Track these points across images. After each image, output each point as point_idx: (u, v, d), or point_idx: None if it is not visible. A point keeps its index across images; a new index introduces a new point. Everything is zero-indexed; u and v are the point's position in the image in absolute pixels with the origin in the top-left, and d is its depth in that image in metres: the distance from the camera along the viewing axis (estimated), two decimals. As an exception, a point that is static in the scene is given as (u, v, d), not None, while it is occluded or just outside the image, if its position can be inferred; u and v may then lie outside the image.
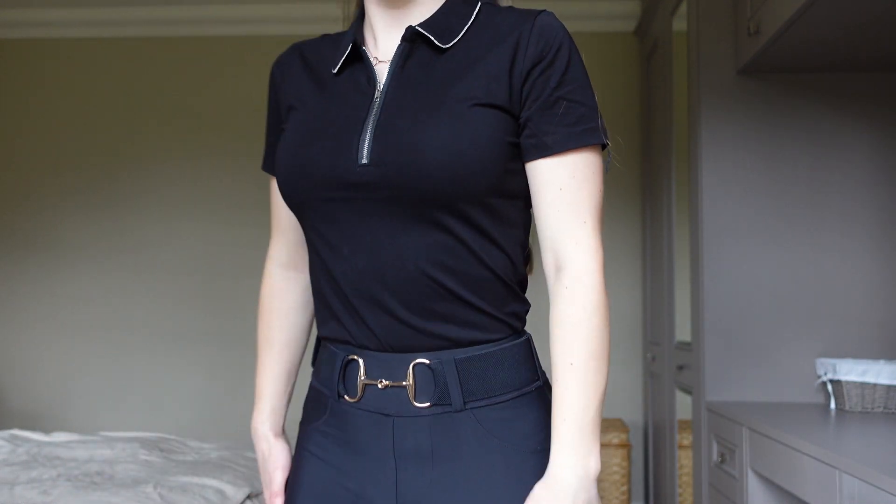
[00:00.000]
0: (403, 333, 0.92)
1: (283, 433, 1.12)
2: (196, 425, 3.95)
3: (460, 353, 0.92)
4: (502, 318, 0.96)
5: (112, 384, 4.02)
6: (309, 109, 0.98)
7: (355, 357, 0.96)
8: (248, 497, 2.06)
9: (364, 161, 0.89)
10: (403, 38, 0.94)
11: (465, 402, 0.92)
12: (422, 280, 0.90)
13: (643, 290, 3.77)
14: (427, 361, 0.92)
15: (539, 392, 0.96)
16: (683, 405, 2.84)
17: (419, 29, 0.94)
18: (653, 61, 3.50)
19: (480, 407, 0.92)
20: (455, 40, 0.94)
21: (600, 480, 3.44)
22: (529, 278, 1.06)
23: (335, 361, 0.98)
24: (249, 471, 2.27)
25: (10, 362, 4.09)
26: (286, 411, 1.13)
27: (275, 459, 1.09)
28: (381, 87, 0.94)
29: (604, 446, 3.46)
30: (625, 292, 3.85)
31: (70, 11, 4.13)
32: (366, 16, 1.00)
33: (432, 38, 0.93)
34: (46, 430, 3.66)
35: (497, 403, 0.93)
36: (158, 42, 4.17)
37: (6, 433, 2.63)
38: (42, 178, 4.14)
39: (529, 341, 0.99)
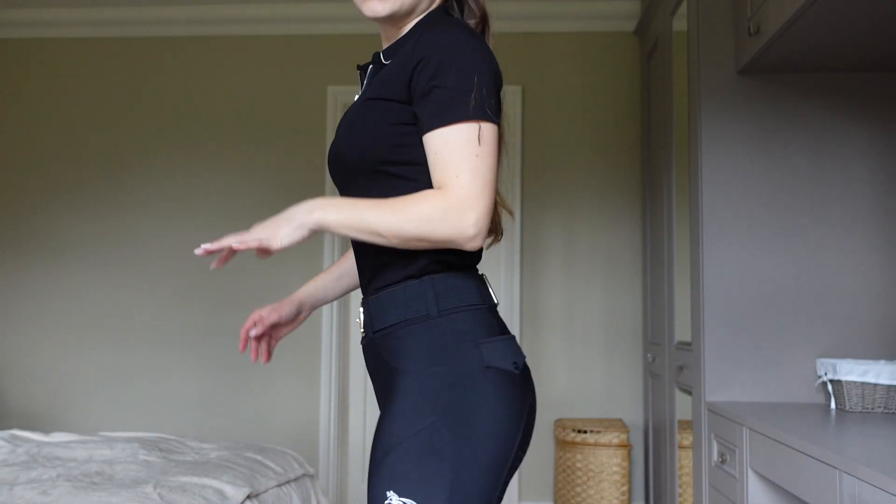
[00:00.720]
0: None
1: (306, 305, 1.50)
2: (196, 425, 3.95)
3: (372, 295, 1.27)
4: (403, 266, 1.22)
5: (112, 384, 4.02)
6: None
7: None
8: (248, 497, 2.06)
9: (330, 149, 1.29)
10: (373, 60, 1.30)
11: (373, 332, 1.26)
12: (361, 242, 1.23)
13: (643, 290, 3.77)
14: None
15: (424, 321, 1.19)
16: (683, 405, 2.83)
17: (379, 53, 1.29)
18: (653, 61, 3.50)
19: (378, 333, 1.25)
20: (391, 56, 1.25)
21: (600, 480, 3.44)
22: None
23: None
24: (249, 471, 2.27)
25: (9, 362, 4.09)
26: (317, 300, 1.52)
27: (280, 303, 1.47)
28: (355, 98, 1.31)
29: (604, 446, 3.46)
30: (625, 292, 3.85)
31: (70, 11, 4.13)
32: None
33: (381, 58, 1.27)
34: (46, 431, 3.65)
35: (385, 330, 1.23)
36: (158, 42, 4.17)
37: (6, 433, 2.62)
38: (42, 178, 4.14)
39: (430, 283, 1.21)
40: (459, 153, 1.11)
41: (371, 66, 1.30)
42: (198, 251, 1.16)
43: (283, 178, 4.03)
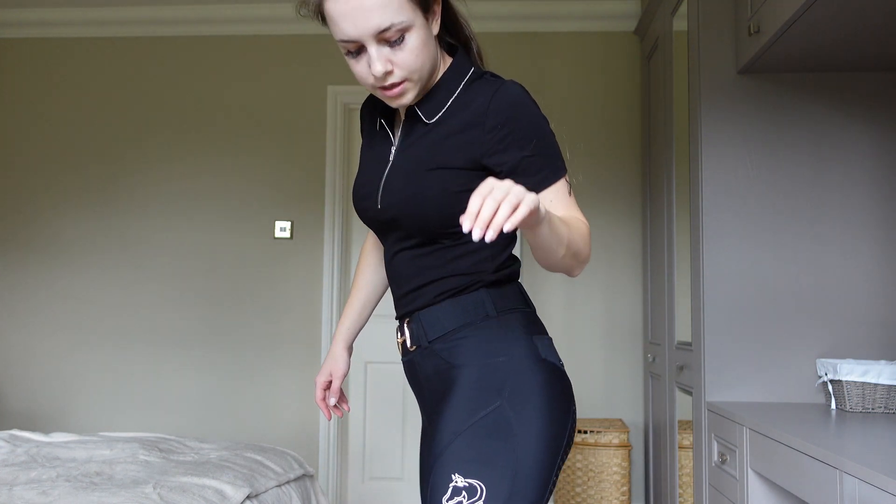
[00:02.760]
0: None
1: (350, 346, 1.62)
2: (195, 425, 3.95)
3: (421, 309, 1.35)
4: (455, 283, 1.34)
5: (112, 384, 4.02)
6: (364, 157, 1.45)
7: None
8: (248, 497, 2.06)
9: (380, 206, 1.34)
10: (407, 115, 1.34)
11: (429, 341, 1.34)
12: (410, 271, 1.35)
13: (643, 290, 3.76)
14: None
15: (485, 320, 1.30)
16: (683, 405, 2.83)
17: (416, 109, 1.32)
18: (653, 61, 3.49)
19: (436, 340, 1.33)
20: (438, 115, 1.30)
21: (600, 480, 3.44)
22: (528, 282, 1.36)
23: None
24: (249, 471, 2.27)
25: (9, 362, 4.09)
26: (355, 333, 1.63)
27: (331, 359, 1.60)
28: (392, 153, 1.36)
29: (604, 446, 3.46)
30: (625, 292, 3.85)
31: (70, 11, 4.13)
32: None
33: (421, 116, 1.31)
34: (45, 431, 3.66)
35: (444, 336, 1.32)
36: (159, 42, 4.17)
37: (5, 433, 2.62)
38: (42, 178, 4.14)
39: (486, 293, 1.32)
40: (569, 200, 1.26)
41: (405, 122, 1.35)
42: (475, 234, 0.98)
43: (283, 178, 4.02)
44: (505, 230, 0.95)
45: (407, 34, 1.22)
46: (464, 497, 1.19)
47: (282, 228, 4.00)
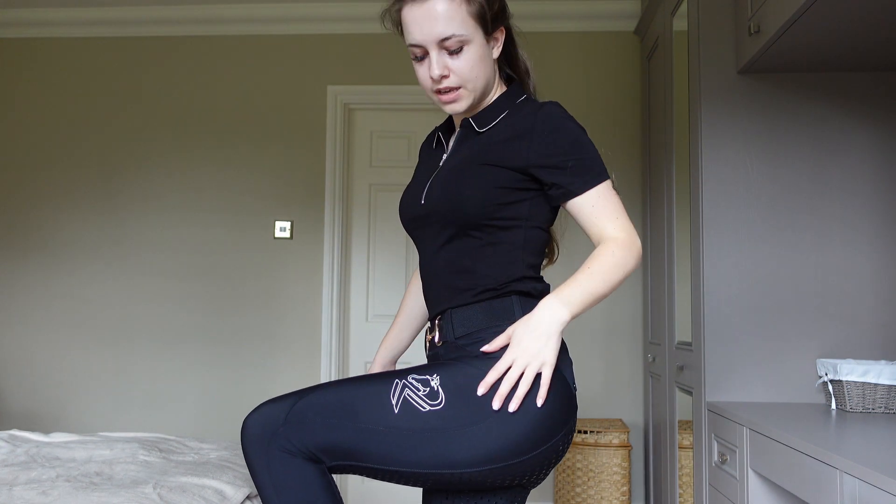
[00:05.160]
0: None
1: (388, 364, 1.73)
2: (196, 425, 3.95)
3: (455, 308, 1.43)
4: (488, 290, 1.42)
5: (111, 384, 4.02)
6: (416, 171, 1.60)
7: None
8: (248, 497, 2.06)
9: (423, 202, 1.44)
10: (461, 126, 1.49)
11: (456, 337, 1.41)
12: (444, 270, 1.43)
13: (643, 290, 3.76)
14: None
15: (510, 321, 1.37)
16: (683, 405, 2.83)
17: (470, 120, 1.47)
18: (653, 61, 3.49)
19: (462, 337, 1.40)
20: (488, 127, 1.44)
21: (600, 480, 3.44)
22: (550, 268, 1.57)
23: None
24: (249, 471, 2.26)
25: (9, 362, 4.09)
26: (396, 353, 1.74)
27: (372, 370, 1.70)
28: (443, 160, 1.49)
29: (604, 446, 3.46)
30: (625, 292, 3.85)
31: (70, 11, 4.12)
32: None
33: (474, 125, 1.46)
34: (45, 431, 3.66)
35: (471, 334, 1.39)
36: (158, 42, 4.17)
37: (5, 433, 2.62)
38: (41, 178, 4.14)
39: (517, 300, 1.40)
40: (611, 203, 1.41)
41: (460, 131, 1.49)
42: (496, 405, 1.27)
43: (283, 178, 4.02)
44: (538, 404, 1.27)
45: (466, 46, 1.39)
46: (418, 390, 1.28)
47: (282, 228, 4.00)
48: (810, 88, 2.51)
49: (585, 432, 3.48)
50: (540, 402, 1.26)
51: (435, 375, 1.30)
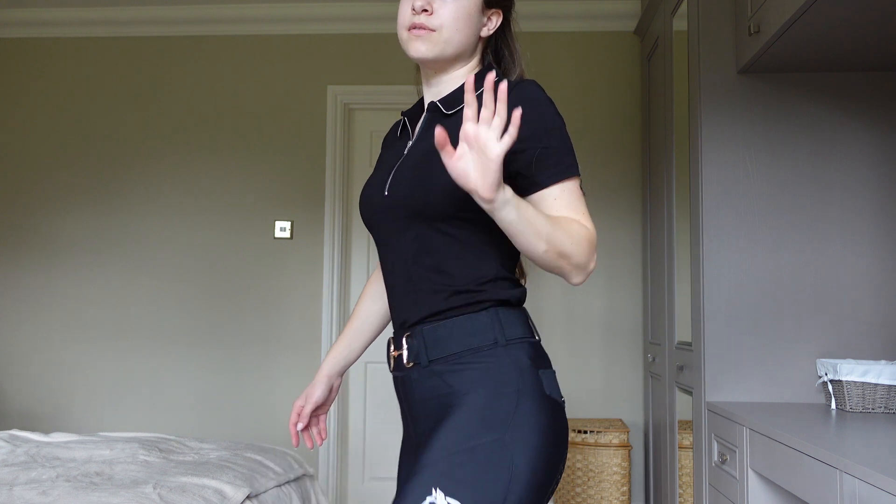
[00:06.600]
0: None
1: (334, 376, 1.56)
2: (196, 425, 3.95)
3: (425, 325, 1.30)
4: (465, 300, 1.29)
5: (111, 384, 4.02)
6: (378, 161, 1.47)
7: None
8: (248, 497, 2.06)
9: (386, 193, 1.33)
10: (427, 109, 1.39)
11: (429, 360, 1.29)
12: (410, 270, 1.31)
13: (643, 290, 3.76)
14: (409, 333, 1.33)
15: (493, 348, 1.26)
16: (683, 405, 2.83)
17: (436, 102, 1.37)
18: (653, 61, 3.49)
19: (437, 361, 1.28)
20: (456, 110, 1.34)
21: (600, 480, 3.44)
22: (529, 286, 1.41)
23: None
24: (249, 471, 2.26)
25: (9, 362, 4.09)
26: (345, 365, 1.57)
27: (311, 386, 1.55)
28: (408, 148, 1.37)
29: (604, 446, 3.46)
30: (625, 292, 3.85)
31: (70, 11, 4.13)
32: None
33: (441, 108, 1.36)
34: (45, 431, 3.66)
35: (447, 358, 1.28)
36: (158, 42, 4.17)
37: (5, 433, 2.62)
38: (42, 178, 4.14)
39: (495, 315, 1.29)
40: (576, 203, 1.26)
41: (426, 114, 1.39)
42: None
43: (283, 178, 4.02)
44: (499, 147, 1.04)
45: None
46: None
47: (282, 228, 4.00)
48: (810, 88, 2.51)
49: (585, 432, 3.48)
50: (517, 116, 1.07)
51: (435, 490, 1.18)
